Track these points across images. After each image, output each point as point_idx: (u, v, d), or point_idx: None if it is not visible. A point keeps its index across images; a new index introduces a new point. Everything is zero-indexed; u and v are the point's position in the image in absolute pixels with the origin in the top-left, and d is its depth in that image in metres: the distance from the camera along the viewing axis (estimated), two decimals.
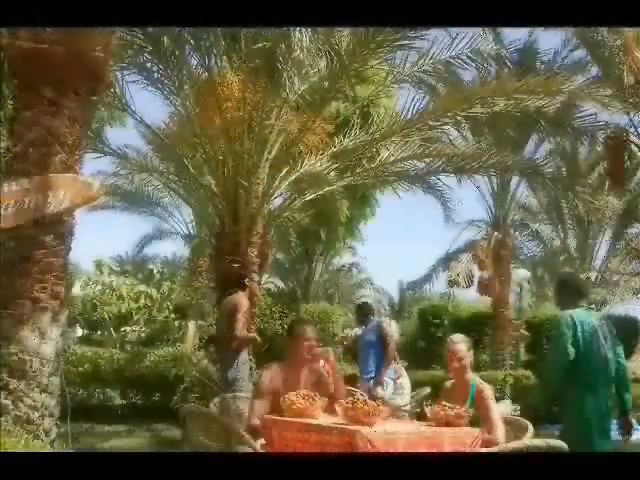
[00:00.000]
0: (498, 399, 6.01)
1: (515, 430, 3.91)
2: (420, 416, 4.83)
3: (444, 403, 3.61)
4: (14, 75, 4.65)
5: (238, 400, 4.67)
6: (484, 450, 3.41)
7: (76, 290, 18.87)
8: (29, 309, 4.32)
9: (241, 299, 6.59)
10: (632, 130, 11.05)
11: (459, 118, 8.89)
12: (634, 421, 4.49)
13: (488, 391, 3.99)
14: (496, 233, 14.60)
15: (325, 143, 8.75)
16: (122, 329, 19.81)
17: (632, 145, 10.91)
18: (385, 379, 6.93)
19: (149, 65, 8.24)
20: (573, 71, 11.07)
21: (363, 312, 7.58)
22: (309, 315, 14.32)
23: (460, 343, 4.11)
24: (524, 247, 19.68)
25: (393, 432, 3.34)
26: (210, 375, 7.50)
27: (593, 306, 6.14)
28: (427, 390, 7.18)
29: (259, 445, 3.63)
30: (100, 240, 38.53)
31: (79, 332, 23.73)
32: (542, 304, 23.64)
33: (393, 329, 7.41)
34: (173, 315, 19.00)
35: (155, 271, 25.19)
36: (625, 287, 18.04)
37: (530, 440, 3.70)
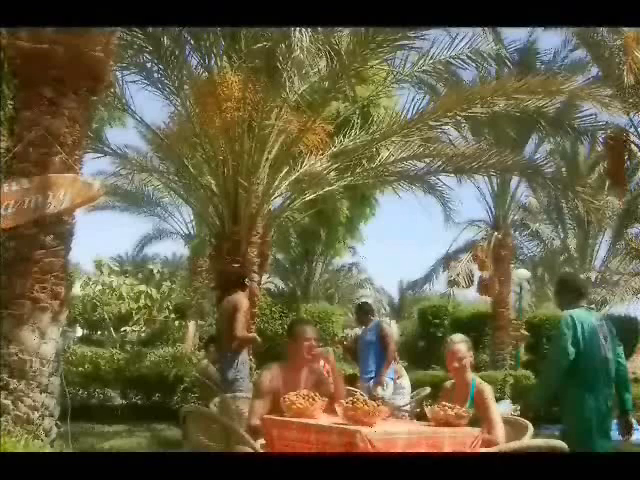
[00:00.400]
0: (498, 399, 6.01)
1: (515, 430, 3.90)
2: (420, 416, 4.83)
3: (444, 403, 3.60)
4: (14, 75, 4.65)
5: (238, 400, 4.66)
6: (484, 450, 3.41)
7: (76, 290, 18.86)
8: (29, 309, 4.33)
9: (241, 299, 6.58)
10: (632, 130, 11.06)
11: (459, 118, 8.89)
12: (634, 421, 4.49)
13: (488, 391, 3.99)
14: (496, 233, 14.61)
15: (325, 143, 8.75)
16: (122, 329, 19.82)
17: (632, 145, 10.90)
18: (385, 379, 6.92)
19: (149, 65, 8.25)
20: (573, 71, 11.09)
21: (363, 312, 7.57)
22: (309, 315, 14.33)
23: (460, 343, 4.11)
24: (524, 247, 19.71)
25: (393, 432, 3.33)
26: (210, 375, 7.49)
27: (593, 306, 6.13)
28: (427, 390, 7.18)
29: (259, 445, 3.63)
30: (100, 240, 38.66)
31: (79, 332, 23.76)
32: (542, 304, 23.69)
33: (393, 329, 7.40)
34: (173, 315, 19.02)
35: (155, 271, 25.19)
36: (625, 287, 18.04)
37: (530, 440, 3.70)
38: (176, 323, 18.67)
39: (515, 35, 21.35)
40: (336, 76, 8.02)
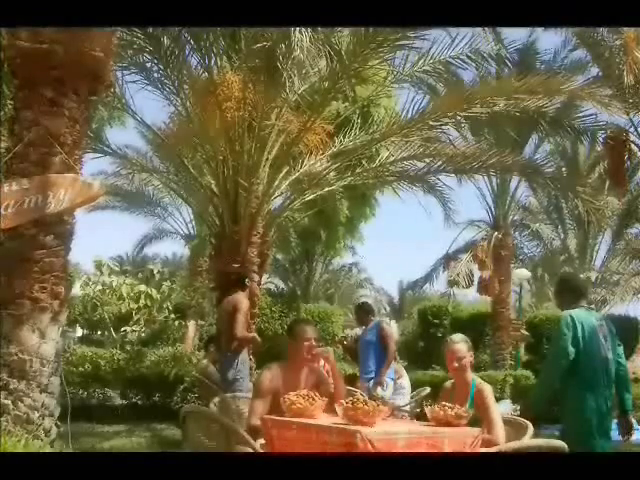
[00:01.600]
0: (498, 399, 6.01)
1: (515, 430, 3.90)
2: (420, 416, 4.83)
3: (444, 403, 3.60)
4: (14, 75, 4.65)
5: (238, 400, 4.66)
6: (484, 450, 3.41)
7: (76, 290, 18.85)
8: (29, 309, 4.32)
9: (241, 299, 6.59)
10: (632, 130, 11.06)
11: (459, 118, 8.88)
12: (634, 421, 4.49)
13: (488, 391, 3.99)
14: (496, 233, 14.61)
15: (325, 143, 8.75)
16: (122, 329, 19.79)
17: (632, 145, 10.90)
18: (385, 379, 6.92)
19: (149, 65, 8.25)
20: (573, 71, 11.09)
21: (363, 312, 7.57)
22: (309, 315, 14.33)
23: (460, 343, 4.10)
24: (524, 247, 19.71)
25: (393, 432, 3.33)
26: (210, 375, 7.49)
27: (593, 306, 6.13)
28: (427, 390, 7.18)
29: (259, 445, 3.63)
30: (100, 240, 38.66)
31: (79, 332, 23.72)
32: (542, 304, 23.71)
33: (393, 329, 7.40)
34: (173, 315, 19.01)
35: (155, 271, 25.17)
36: (625, 287, 18.06)
37: (530, 440, 3.70)
38: (176, 323, 18.66)
39: (515, 35, 21.36)
40: (336, 76, 8.01)
